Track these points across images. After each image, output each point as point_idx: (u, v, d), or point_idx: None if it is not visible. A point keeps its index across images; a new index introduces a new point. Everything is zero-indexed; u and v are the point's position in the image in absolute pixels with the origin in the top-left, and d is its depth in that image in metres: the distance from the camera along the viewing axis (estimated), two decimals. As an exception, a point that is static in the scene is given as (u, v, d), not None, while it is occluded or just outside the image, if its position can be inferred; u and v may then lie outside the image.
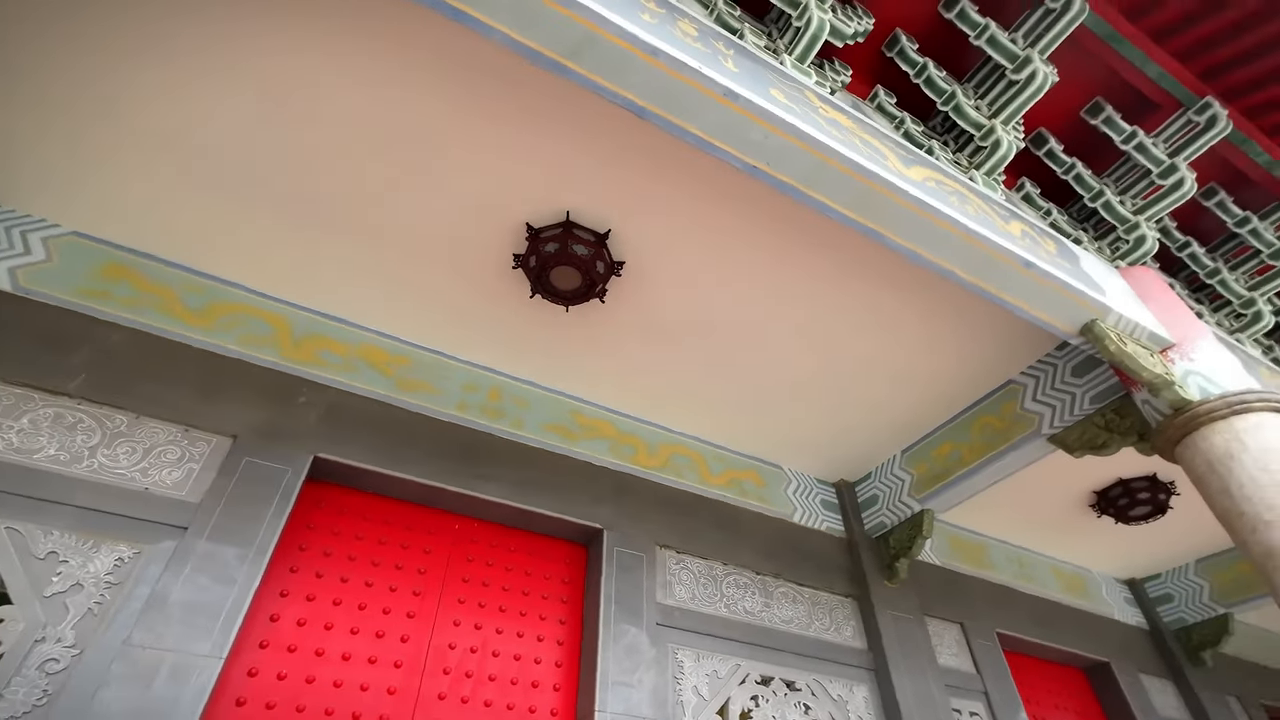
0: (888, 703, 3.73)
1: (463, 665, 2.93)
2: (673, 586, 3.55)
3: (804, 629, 3.82)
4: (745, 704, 3.36)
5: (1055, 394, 3.53)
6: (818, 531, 4.36)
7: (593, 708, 2.90)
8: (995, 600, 4.86)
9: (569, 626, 3.30)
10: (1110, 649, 5.20)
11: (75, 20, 2.42)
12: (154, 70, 2.56)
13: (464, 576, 3.19)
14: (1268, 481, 2.53)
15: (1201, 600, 5.48)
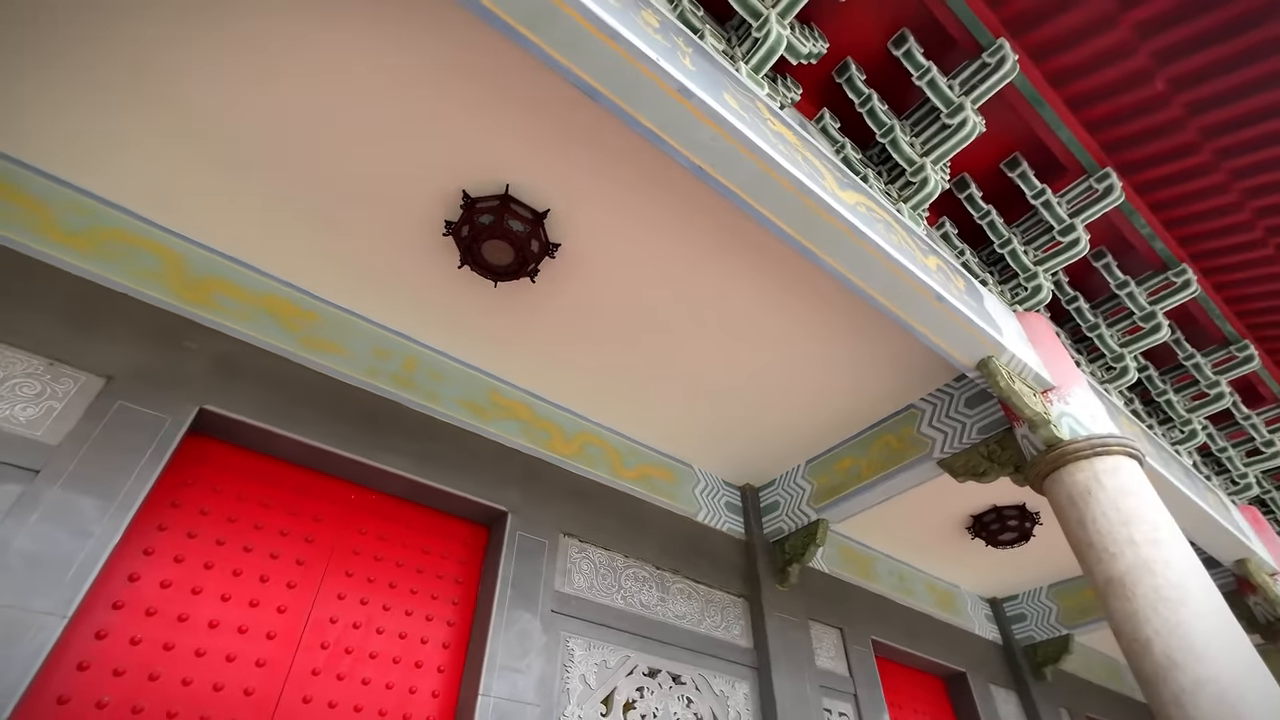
0: (765, 700, 3.88)
1: (343, 641, 2.80)
2: (572, 575, 3.54)
3: (695, 625, 3.91)
4: (630, 694, 3.40)
5: (948, 422, 3.79)
6: (719, 532, 4.48)
7: (476, 691, 2.85)
8: (874, 609, 5.17)
9: (461, 608, 3.22)
10: (968, 661, 5.65)
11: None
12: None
13: (355, 549, 3.04)
14: (1116, 518, 2.82)
15: (1049, 621, 6.05)
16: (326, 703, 2.63)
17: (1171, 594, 2.58)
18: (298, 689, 2.59)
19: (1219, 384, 4.56)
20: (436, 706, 2.91)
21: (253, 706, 2.47)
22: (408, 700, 2.84)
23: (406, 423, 3.36)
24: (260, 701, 2.49)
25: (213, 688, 2.42)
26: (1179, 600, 2.56)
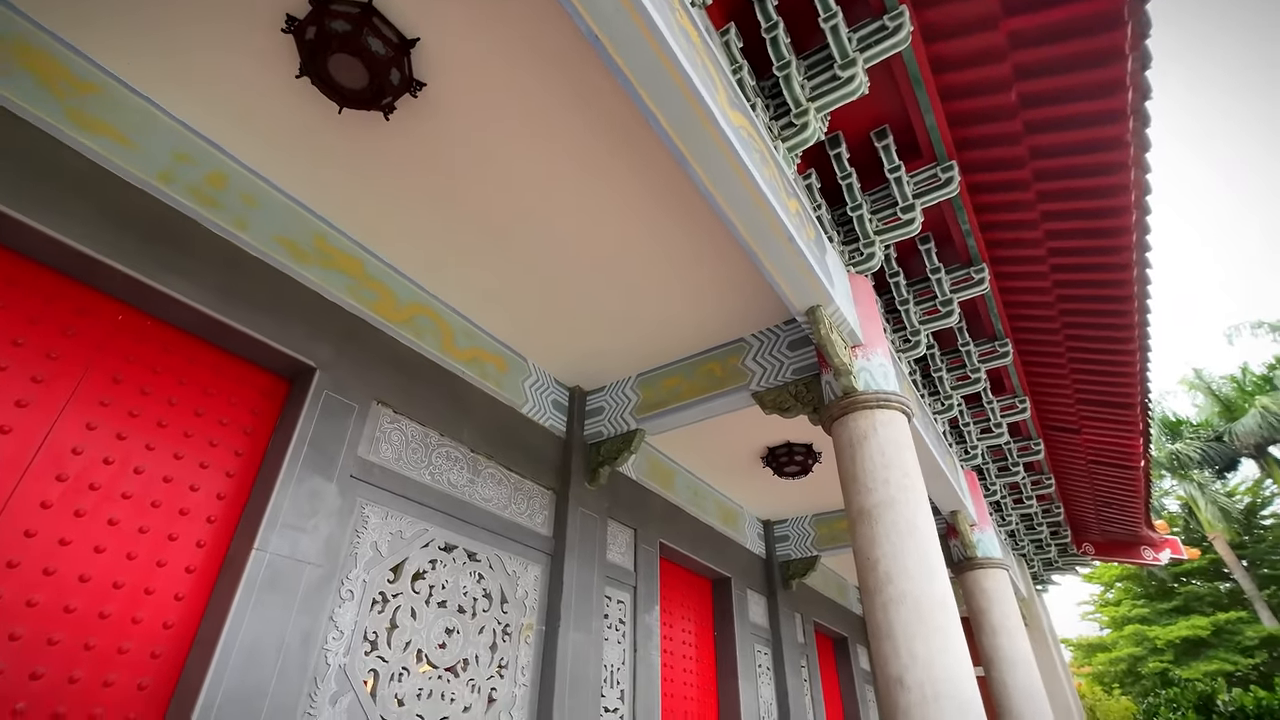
0: (554, 583, 4.13)
1: (89, 475, 2.43)
2: (379, 444, 3.39)
3: (501, 510, 3.99)
4: (422, 565, 3.41)
5: (770, 360, 4.12)
6: (541, 427, 4.54)
7: (250, 545, 2.67)
8: (667, 516, 5.66)
9: (245, 461, 2.95)
10: (735, 568, 6.47)
11: None
12: None
13: (116, 376, 2.61)
14: (880, 461, 3.30)
15: (806, 544, 7.10)
16: (57, 540, 2.30)
17: (903, 526, 3.11)
18: (17, 521, 2.22)
19: (980, 371, 5.44)
20: (200, 556, 2.68)
21: (-48, 533, 2.08)
22: (165, 546, 2.58)
23: (205, 247, 2.88)
24: (-36, 529, 2.10)
25: (-106, 506, 1.99)
26: (906, 532, 3.10)
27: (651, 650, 4.87)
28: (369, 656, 3.01)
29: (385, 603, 3.17)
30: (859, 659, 9.03)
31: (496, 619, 3.71)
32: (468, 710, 3.37)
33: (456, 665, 3.40)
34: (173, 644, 2.50)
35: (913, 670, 2.76)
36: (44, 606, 2.21)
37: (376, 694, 2.98)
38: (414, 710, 3.11)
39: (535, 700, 3.76)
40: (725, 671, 5.96)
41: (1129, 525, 9.00)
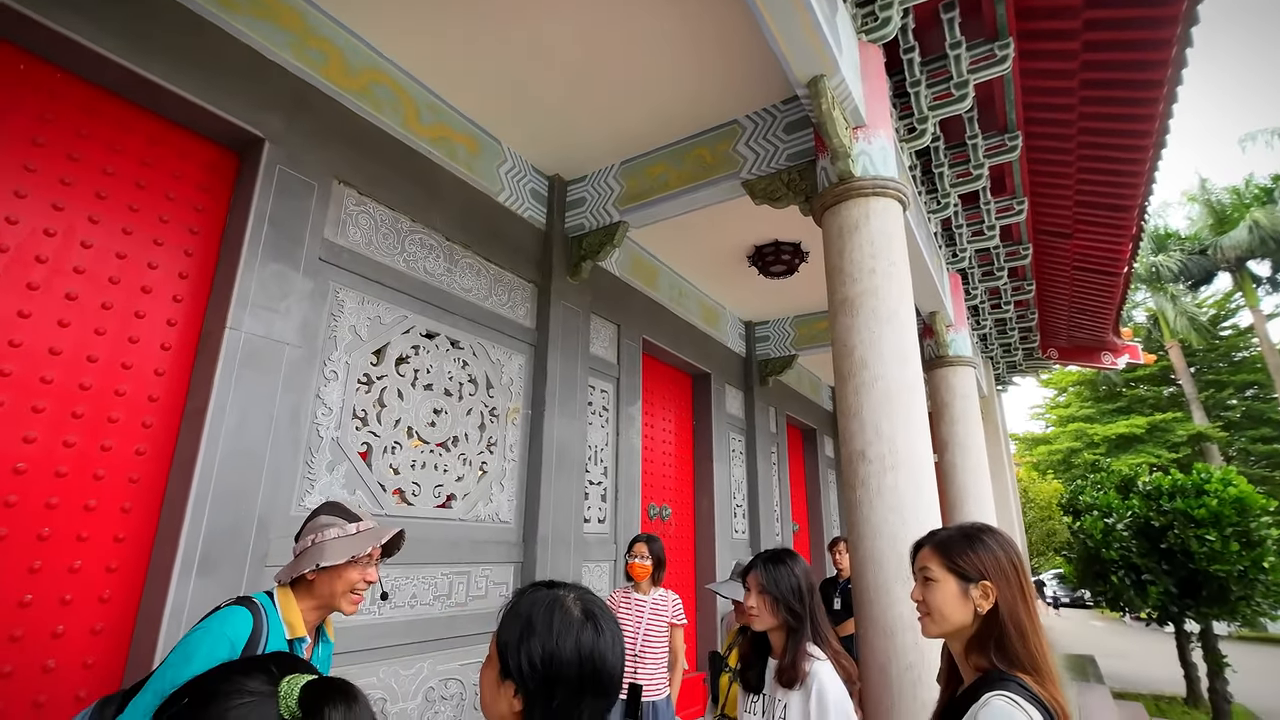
0: (539, 371, 4.25)
1: (31, 247, 2.28)
2: (347, 227, 3.21)
3: (481, 300, 3.95)
4: (405, 351, 3.44)
5: (763, 144, 3.82)
6: (519, 218, 4.33)
7: (223, 324, 2.62)
8: (650, 314, 5.70)
9: (202, 240, 2.79)
10: (715, 365, 6.72)
11: None
12: None
13: (36, 139, 2.34)
14: (868, 251, 3.21)
15: (786, 344, 7.32)
16: (15, 312, 2.22)
17: (883, 314, 3.11)
18: (-34, 291, 2.12)
19: (983, 167, 5.15)
20: (174, 335, 2.64)
21: (-105, 300, 1.98)
22: (133, 323, 2.52)
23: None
24: (-94, 296, 2.00)
25: None
26: (885, 319, 3.11)
27: (633, 435, 5.20)
28: (360, 431, 3.14)
29: (371, 384, 3.25)
30: (824, 448, 9.87)
31: (483, 402, 3.86)
32: (460, 480, 3.64)
33: (447, 441, 3.60)
34: (162, 414, 2.56)
35: (876, 445, 2.95)
36: (18, 376, 2.20)
37: (371, 464, 3.17)
38: (409, 479, 3.35)
39: (524, 473, 4.06)
40: (701, 455, 6.48)
41: (1097, 331, 9.33)
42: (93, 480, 2.34)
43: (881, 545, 2.84)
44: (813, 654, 1.62)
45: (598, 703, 0.92)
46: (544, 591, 1.00)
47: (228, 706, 0.57)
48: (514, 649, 0.93)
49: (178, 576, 2.33)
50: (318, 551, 1.54)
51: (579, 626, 0.93)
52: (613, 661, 0.94)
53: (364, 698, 0.65)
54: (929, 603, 1.27)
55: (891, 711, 2.68)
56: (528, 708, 0.91)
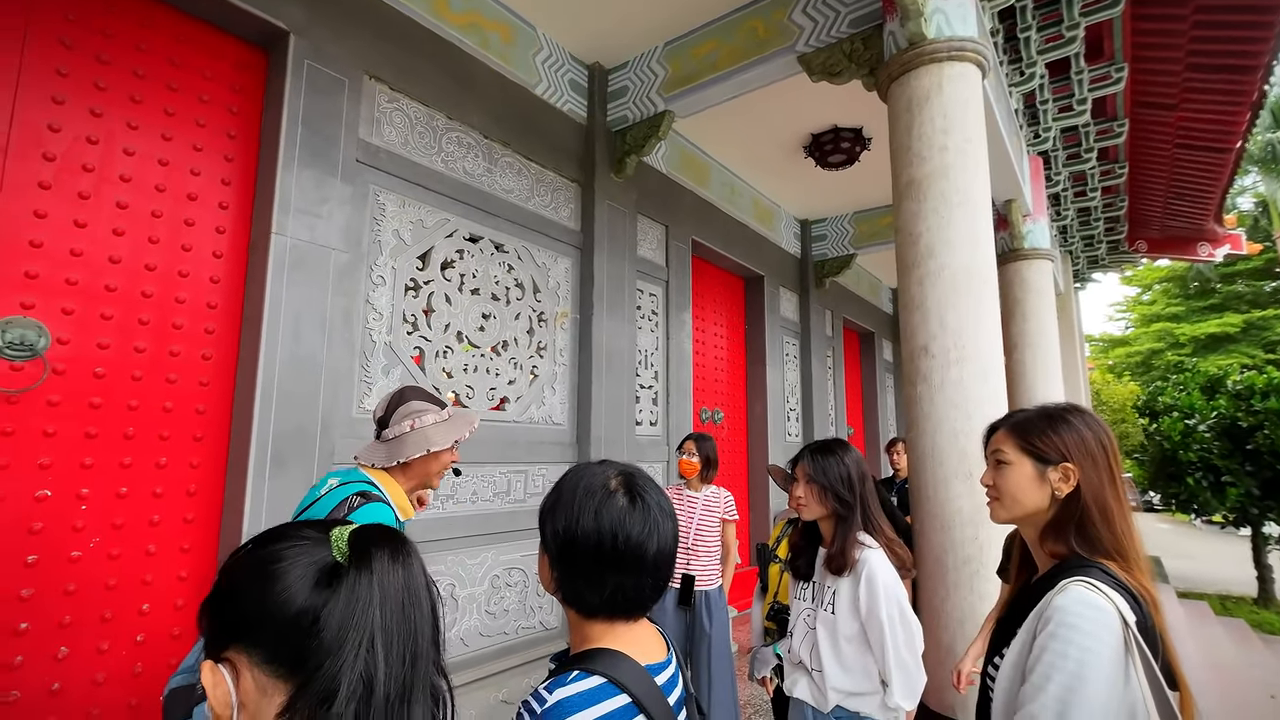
0: (585, 275, 4.17)
1: (77, 155, 2.29)
2: (381, 126, 3.11)
3: (523, 201, 3.83)
4: (450, 255, 3.41)
5: (822, 9, 3.42)
6: (559, 111, 4.11)
7: (269, 230, 2.62)
8: (700, 213, 5.46)
9: (240, 144, 2.75)
10: (769, 267, 6.47)
11: None
12: None
13: (64, 40, 2.29)
14: (940, 125, 2.89)
15: (844, 242, 6.95)
16: (72, 221, 2.27)
17: (954, 198, 2.84)
18: (22, 200, 2.16)
19: (1079, 28, 4.51)
20: (225, 242, 2.67)
21: (-41, 211, 2.04)
22: (184, 231, 2.55)
23: None
24: (-31, 207, 2.05)
25: (-116, 182, 1.91)
26: (957, 203, 2.84)
27: (684, 339, 5.13)
28: (412, 336, 3.18)
29: (419, 289, 3.25)
30: (882, 351, 9.58)
31: (531, 307, 3.84)
32: (513, 383, 3.69)
33: (497, 345, 3.62)
34: (222, 321, 2.64)
35: (940, 338, 2.77)
36: (84, 284, 2.28)
37: (425, 367, 3.22)
38: (463, 382, 3.41)
39: (575, 377, 4.09)
40: (754, 359, 6.38)
41: (1196, 219, 8.45)
42: (166, 383, 2.46)
43: (942, 441, 2.74)
44: (864, 542, 1.58)
45: (624, 579, 0.89)
46: (589, 466, 0.97)
47: (283, 546, 0.61)
48: (545, 517, 0.94)
49: (253, 473, 2.47)
50: (422, 436, 1.56)
51: (604, 499, 0.90)
52: (640, 538, 0.89)
53: (414, 546, 0.65)
54: (1000, 487, 1.19)
55: (946, 602, 2.67)
56: (557, 577, 0.92)
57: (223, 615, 0.61)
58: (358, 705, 0.54)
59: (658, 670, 0.90)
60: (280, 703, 0.56)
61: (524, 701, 0.83)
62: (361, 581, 0.58)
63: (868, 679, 1.51)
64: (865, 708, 1.50)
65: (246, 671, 0.57)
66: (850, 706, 1.51)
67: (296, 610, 0.57)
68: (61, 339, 2.21)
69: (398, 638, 0.58)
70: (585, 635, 0.91)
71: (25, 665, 2.07)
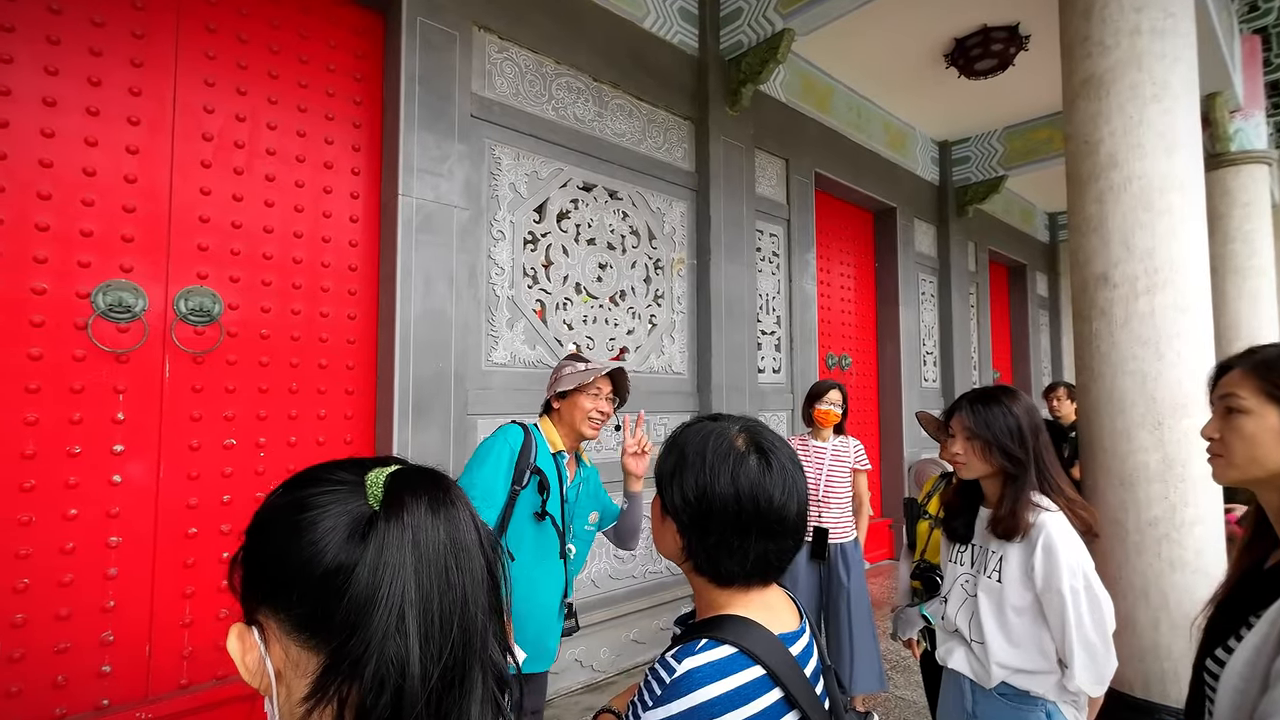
0: (701, 218, 4.00)
1: (228, 133, 2.48)
2: (493, 78, 3.09)
3: (635, 145, 3.71)
4: (564, 205, 3.38)
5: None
6: (669, 44, 3.89)
7: (396, 192, 2.72)
8: (823, 143, 5.04)
9: (366, 110, 2.85)
10: (901, 198, 5.89)
11: None
12: None
13: (208, 24, 2.45)
14: (1126, 5, 2.38)
15: (991, 163, 6.16)
16: (230, 195, 2.47)
17: (1146, 92, 2.36)
18: (191, 179, 2.38)
19: None
20: (360, 207, 2.81)
21: (141, 194, 2.28)
22: (324, 199, 2.71)
23: None
24: (146, 191, 2.29)
25: (82, 172, 2.17)
26: (1148, 99, 2.35)
27: (807, 281, 4.83)
28: (532, 289, 3.22)
29: (536, 242, 3.26)
30: (1035, 286, 8.55)
31: (647, 254, 3.75)
32: (631, 334, 3.66)
33: (614, 295, 3.59)
34: (362, 282, 2.80)
35: (1125, 264, 2.35)
36: (246, 255, 2.49)
37: (546, 320, 3.27)
38: (583, 333, 3.42)
39: (694, 325, 3.99)
40: (886, 299, 5.92)
41: None
42: (319, 342, 2.67)
43: (1124, 384, 2.35)
44: (1039, 504, 1.37)
45: (764, 544, 0.80)
46: (706, 424, 0.88)
47: (313, 490, 0.51)
48: (668, 483, 0.86)
49: (398, 422, 2.65)
50: (556, 384, 1.92)
51: (738, 459, 0.82)
52: (781, 500, 0.81)
53: (462, 494, 0.54)
54: (1228, 440, 0.95)
55: (1124, 567, 2.35)
56: (686, 544, 0.84)
57: (250, 571, 0.52)
58: (390, 693, 0.44)
59: (791, 640, 0.81)
60: (308, 682, 0.46)
61: (651, 669, 0.77)
62: (391, 535, 0.47)
63: (1042, 656, 1.32)
64: (1038, 687, 1.32)
65: (275, 641, 0.49)
66: (1019, 684, 1.34)
67: (325, 569, 0.47)
68: (231, 305, 2.45)
69: (439, 607, 0.47)
70: (713, 601, 0.84)
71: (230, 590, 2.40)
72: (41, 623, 2.05)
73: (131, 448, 2.22)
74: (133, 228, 2.26)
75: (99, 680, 2.14)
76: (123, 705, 2.16)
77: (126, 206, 2.25)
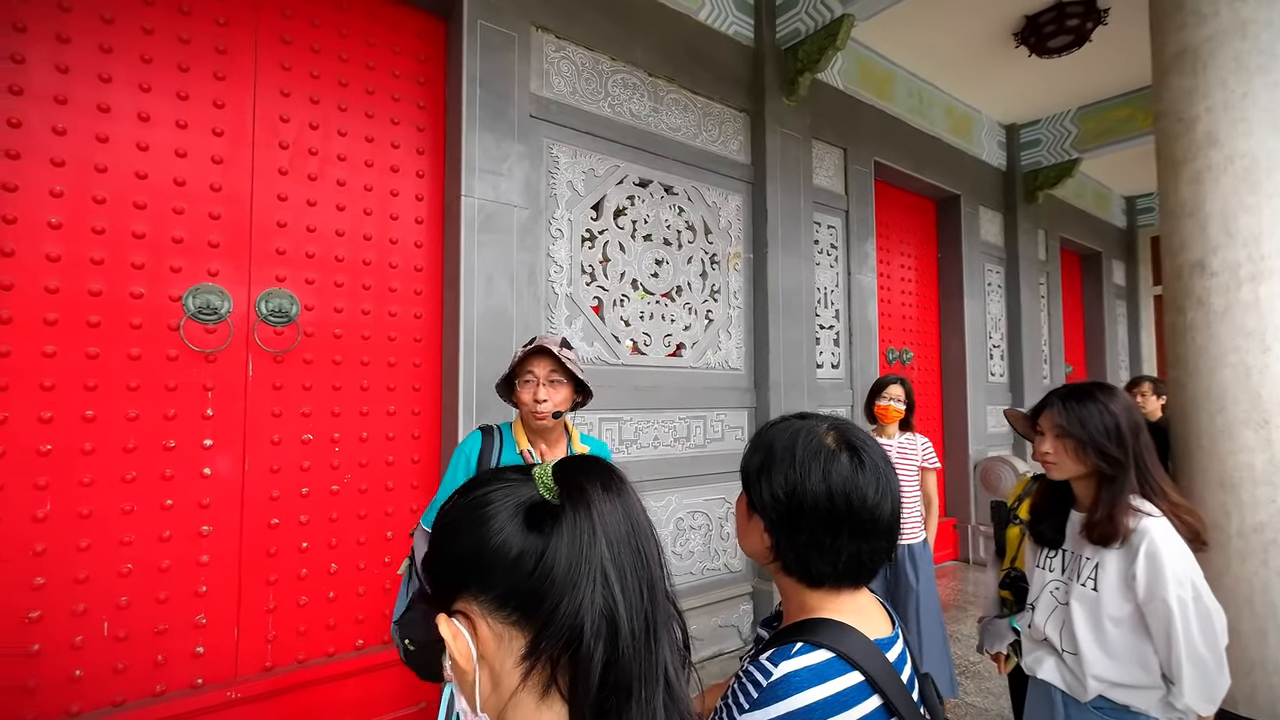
0: (757, 211, 3.94)
1: (303, 140, 2.58)
2: (550, 77, 3.12)
3: (691, 139, 3.67)
4: (621, 202, 3.39)
5: None
6: (724, 36, 3.84)
7: (459, 193, 2.77)
8: (883, 131, 4.88)
9: (429, 113, 2.92)
10: (966, 184, 5.66)
11: None
12: None
13: (283, 36, 2.55)
14: (1231, -32, 2.19)
15: (1064, 146, 5.84)
16: (305, 201, 2.57)
17: (1251, 60, 2.18)
18: (269, 186, 2.49)
19: None
20: (424, 208, 2.89)
21: (225, 201, 2.40)
22: (391, 202, 2.79)
23: None
24: (230, 198, 2.41)
25: (173, 182, 2.30)
26: (1254, 69, 2.19)
27: (866, 274, 4.70)
28: (590, 287, 3.24)
29: (594, 239, 3.28)
30: (1111, 275, 8.07)
31: (703, 249, 3.72)
32: (688, 329, 3.64)
33: (671, 291, 3.58)
34: (428, 282, 2.88)
35: (1226, 250, 2.18)
36: (320, 257, 2.59)
37: (604, 316, 3.28)
38: (640, 329, 3.42)
39: (750, 320, 3.93)
40: (949, 291, 5.70)
41: None
42: (388, 341, 2.76)
43: (1224, 379, 2.19)
44: (1140, 508, 1.28)
45: (857, 544, 0.78)
46: (792, 421, 0.86)
47: (488, 489, 0.59)
48: (755, 480, 0.85)
49: (463, 416, 2.71)
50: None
51: (829, 457, 0.80)
52: (875, 499, 0.79)
53: (622, 473, 0.60)
54: None
55: (1224, 575, 2.19)
56: (775, 544, 0.82)
57: (445, 567, 0.59)
58: (605, 643, 0.51)
59: (886, 645, 0.79)
60: (521, 647, 0.53)
61: (744, 670, 0.76)
62: (580, 514, 0.54)
63: (1143, 670, 1.24)
64: (1139, 702, 1.24)
65: (481, 621, 0.55)
66: (1118, 699, 1.26)
67: (519, 552, 0.54)
68: (307, 306, 2.55)
69: (630, 569, 0.54)
70: (803, 603, 0.82)
71: (309, 578, 2.52)
72: (143, 605, 2.19)
73: (219, 442, 2.35)
74: (218, 234, 2.38)
75: (193, 660, 2.27)
76: (214, 685, 2.29)
77: (212, 214, 2.37)
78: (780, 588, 0.85)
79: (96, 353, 2.14)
